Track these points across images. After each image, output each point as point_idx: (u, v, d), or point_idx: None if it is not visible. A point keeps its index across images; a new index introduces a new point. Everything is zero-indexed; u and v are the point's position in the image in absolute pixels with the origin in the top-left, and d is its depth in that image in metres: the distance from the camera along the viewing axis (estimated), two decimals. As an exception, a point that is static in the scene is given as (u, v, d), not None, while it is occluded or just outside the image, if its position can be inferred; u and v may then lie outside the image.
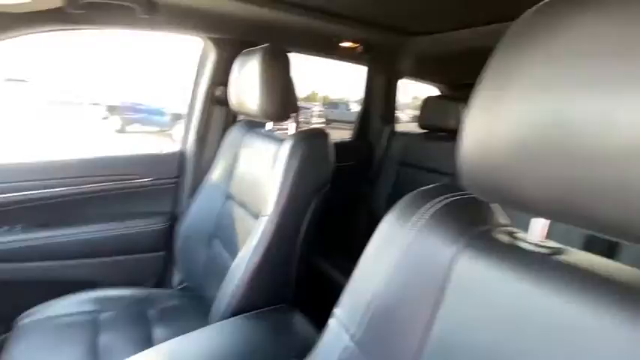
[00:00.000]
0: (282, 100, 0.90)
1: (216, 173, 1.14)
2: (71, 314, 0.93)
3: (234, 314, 0.72)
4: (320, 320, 0.75)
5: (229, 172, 1.11)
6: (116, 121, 8.04)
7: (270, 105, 0.88)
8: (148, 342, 0.90)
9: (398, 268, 0.40)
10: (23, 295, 1.01)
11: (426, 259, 0.38)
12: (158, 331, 0.95)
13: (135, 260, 1.19)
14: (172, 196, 1.28)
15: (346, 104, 11.06)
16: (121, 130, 7.93)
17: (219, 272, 0.96)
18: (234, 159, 1.11)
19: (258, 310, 0.72)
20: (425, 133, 1.60)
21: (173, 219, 1.24)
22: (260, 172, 0.96)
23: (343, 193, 1.01)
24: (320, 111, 10.13)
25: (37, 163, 1.06)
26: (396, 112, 1.82)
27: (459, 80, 1.92)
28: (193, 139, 1.27)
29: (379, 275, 0.41)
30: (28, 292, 1.03)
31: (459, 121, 1.42)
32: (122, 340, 0.88)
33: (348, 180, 1.04)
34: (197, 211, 1.11)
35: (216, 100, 1.24)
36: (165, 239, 1.22)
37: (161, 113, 7.42)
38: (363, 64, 1.68)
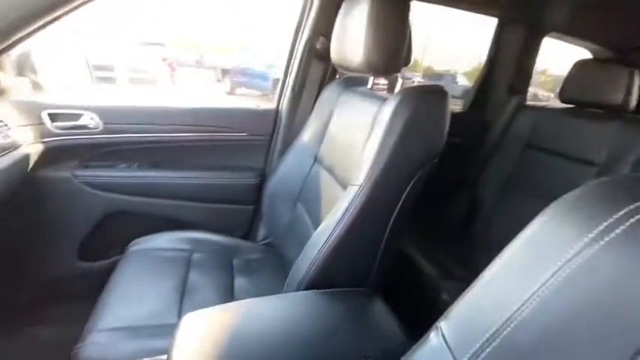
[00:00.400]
0: (393, 49, 0.75)
1: (307, 133, 1.07)
2: (170, 249, 1.01)
3: (310, 285, 0.66)
4: (401, 310, 0.65)
5: (321, 134, 1.03)
6: (227, 84, 8.87)
7: (377, 55, 0.74)
8: (229, 289, 0.93)
9: (563, 296, 0.25)
10: (136, 225, 1.16)
11: (623, 289, 0.22)
12: (239, 281, 0.97)
13: (227, 210, 1.25)
14: (265, 153, 1.28)
15: (453, 76, 9.88)
16: (231, 93, 8.74)
17: (300, 237, 0.92)
18: (328, 119, 1.02)
19: (338, 290, 0.64)
20: (568, 108, 1.24)
21: (263, 176, 1.25)
22: (354, 136, 0.84)
23: (444, 172, 0.83)
24: (420, 82, 9.31)
25: (155, 108, 1.16)
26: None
27: (632, 41, 1.41)
28: (289, 97, 1.23)
29: (525, 300, 0.26)
30: (141, 223, 1.17)
31: (631, 93, 1.04)
32: (207, 281, 0.93)
33: (452, 158, 0.85)
34: (284, 172, 1.07)
35: (316, 53, 1.15)
36: (255, 194, 1.24)
37: (265, 78, 7.80)
38: (494, 14, 1.35)
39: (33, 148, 1.01)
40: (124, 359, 0.64)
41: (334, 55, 0.90)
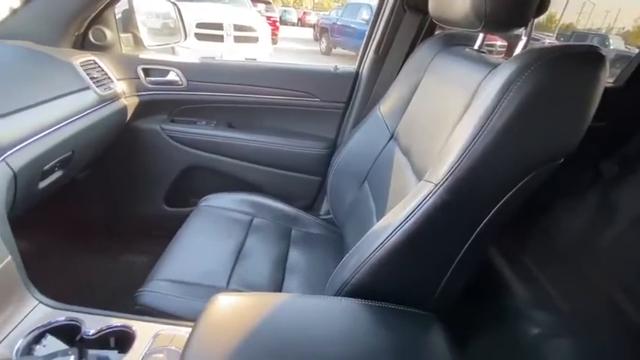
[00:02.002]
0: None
1: (387, 103, 0.92)
2: (233, 210, 1.03)
3: (355, 290, 0.54)
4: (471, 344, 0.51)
5: (403, 105, 0.86)
6: (323, 43, 8.72)
7: (492, 1, 0.53)
8: (282, 260, 0.91)
9: None
10: (209, 182, 1.22)
11: None
12: (294, 253, 0.94)
13: (292, 178, 1.22)
14: (338, 123, 1.18)
15: (603, 37, 7.70)
16: (326, 53, 8.59)
17: (361, 222, 0.82)
18: (414, 87, 0.84)
19: (391, 307, 0.51)
20: None
21: (333, 147, 1.16)
22: (444, 113, 0.65)
23: (570, 167, 0.57)
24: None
25: (234, 67, 1.15)
26: None
27: None
28: (371, 58, 1.06)
29: None
30: (213, 180, 1.23)
31: None
32: (263, 249, 0.92)
33: (586, 149, 0.58)
34: (355, 146, 0.96)
35: (408, 2, 0.94)
36: (323, 166, 1.17)
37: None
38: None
39: (130, 101, 1.10)
40: (173, 312, 0.66)
41: (433, 4, 0.70)
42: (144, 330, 0.57)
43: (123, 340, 0.57)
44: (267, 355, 0.42)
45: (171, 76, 1.12)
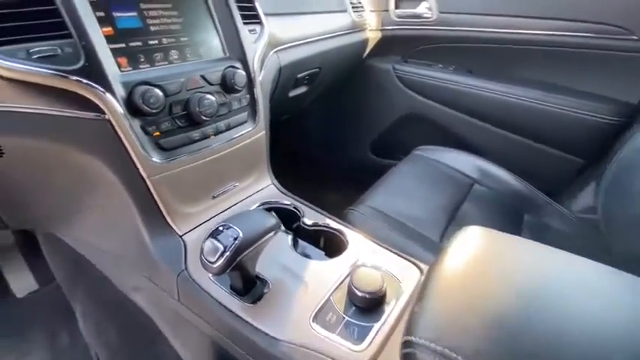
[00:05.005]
0: None
1: None
2: (452, 168, 0.86)
3: None
4: None
5: None
6: None
7: None
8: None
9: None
10: (425, 132, 1.08)
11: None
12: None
13: (541, 152, 0.91)
14: None
15: None
16: None
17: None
18: None
19: None
20: None
21: (629, 118, 0.76)
22: None
23: None
24: None
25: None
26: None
27: None
28: None
29: None
30: (428, 134, 1.08)
31: None
32: (482, 221, 0.71)
33: None
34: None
35: None
36: (601, 142, 0.80)
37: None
38: None
39: (373, 34, 1.08)
40: (382, 240, 0.57)
41: None
42: (355, 241, 0.51)
43: (332, 244, 0.52)
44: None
45: (422, 7, 1.00)
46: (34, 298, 0.73)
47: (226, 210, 0.55)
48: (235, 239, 0.36)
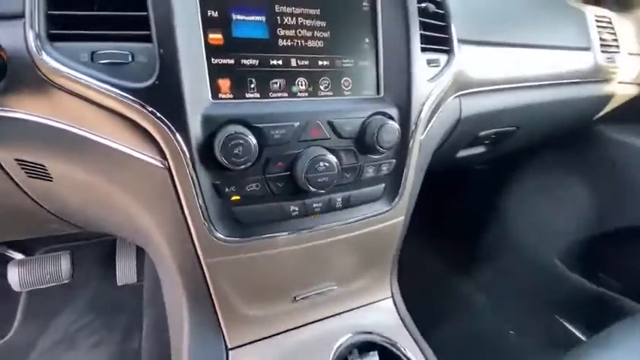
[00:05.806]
0: None
1: None
2: None
3: None
4: None
5: None
6: None
7: None
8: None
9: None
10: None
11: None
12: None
13: None
14: None
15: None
16: None
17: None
18: None
19: None
20: None
21: None
22: None
23: None
24: None
25: None
26: None
27: None
28: None
29: None
30: None
31: None
32: None
33: None
34: None
35: None
36: None
37: None
38: None
39: (621, 89, 0.68)
40: None
41: None
42: None
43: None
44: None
45: None
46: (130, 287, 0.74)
47: (299, 328, 0.35)
48: None
